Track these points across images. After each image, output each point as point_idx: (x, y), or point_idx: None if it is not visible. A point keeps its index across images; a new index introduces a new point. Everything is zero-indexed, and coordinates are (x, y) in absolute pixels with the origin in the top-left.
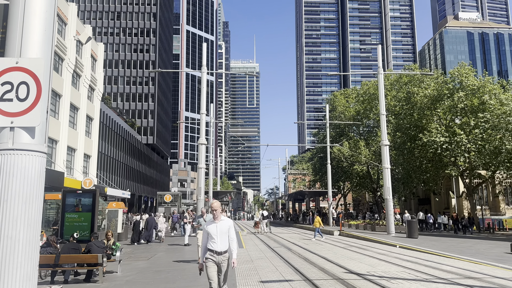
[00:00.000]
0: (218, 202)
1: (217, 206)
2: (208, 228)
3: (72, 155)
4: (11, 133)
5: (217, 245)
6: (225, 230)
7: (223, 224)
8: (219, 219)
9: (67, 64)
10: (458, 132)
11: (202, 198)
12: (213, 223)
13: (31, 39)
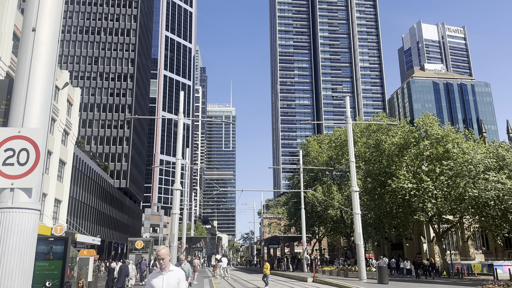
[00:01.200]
0: (167, 248)
1: (165, 253)
2: (152, 282)
3: (43, 200)
4: (11, 193)
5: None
6: (173, 284)
7: (171, 276)
8: (167, 269)
9: None
10: (425, 179)
11: (175, 244)
12: (159, 275)
13: (32, 112)
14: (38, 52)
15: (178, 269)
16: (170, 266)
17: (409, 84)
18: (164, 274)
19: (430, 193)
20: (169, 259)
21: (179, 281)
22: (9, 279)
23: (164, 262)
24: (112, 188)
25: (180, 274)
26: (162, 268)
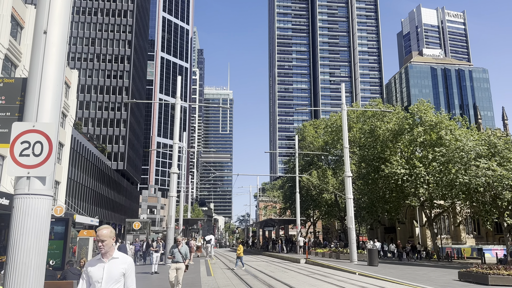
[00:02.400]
0: (110, 229)
1: (106, 234)
2: (90, 272)
3: None
4: (27, 181)
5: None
6: (116, 275)
7: (115, 265)
8: (109, 255)
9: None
10: (418, 165)
11: (172, 226)
12: (98, 263)
13: (45, 108)
14: (49, 53)
15: (124, 257)
16: (114, 252)
17: (407, 69)
18: (106, 262)
19: (422, 178)
20: (113, 243)
21: (125, 273)
22: (27, 256)
23: (105, 246)
24: (110, 170)
25: (127, 263)
26: (102, 254)
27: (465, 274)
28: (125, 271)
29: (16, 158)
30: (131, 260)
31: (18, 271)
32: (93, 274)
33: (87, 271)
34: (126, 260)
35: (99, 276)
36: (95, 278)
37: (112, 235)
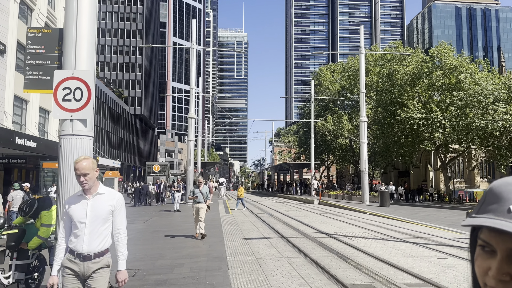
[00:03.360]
0: (92, 160)
1: (88, 166)
2: (70, 210)
3: None
4: (70, 123)
5: (82, 242)
6: (103, 213)
7: (101, 202)
8: (92, 191)
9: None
10: (434, 109)
11: (191, 168)
12: (81, 200)
13: (81, 56)
14: (82, 5)
15: (112, 192)
16: (99, 187)
17: (430, 8)
18: (89, 199)
19: (438, 123)
20: (96, 177)
21: (113, 210)
22: (75, 189)
23: (88, 181)
24: (128, 114)
25: (115, 199)
26: (85, 189)
27: None
28: (113, 209)
29: (60, 103)
30: (120, 196)
31: None
32: (74, 213)
33: (67, 210)
34: (114, 196)
35: (81, 215)
36: (77, 217)
37: (94, 167)
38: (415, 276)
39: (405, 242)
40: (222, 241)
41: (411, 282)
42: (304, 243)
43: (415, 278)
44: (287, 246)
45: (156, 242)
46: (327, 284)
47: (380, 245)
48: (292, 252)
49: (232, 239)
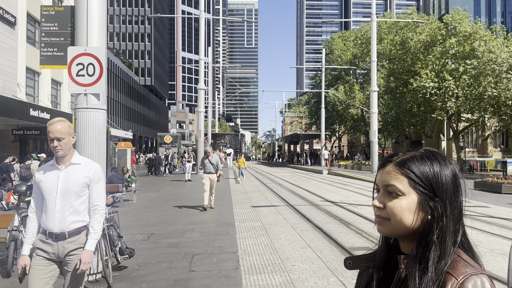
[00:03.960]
0: (66, 123)
1: (63, 130)
2: (39, 180)
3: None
4: (85, 97)
5: (53, 219)
6: (77, 187)
7: (74, 173)
8: (66, 161)
9: (67, 1)
10: (447, 78)
11: (202, 139)
12: (52, 170)
13: (93, 33)
14: None
15: (88, 163)
16: (74, 156)
17: None
18: (62, 170)
19: (451, 92)
20: (72, 144)
21: (89, 184)
22: (91, 158)
23: (63, 146)
24: (138, 85)
25: (92, 171)
26: (58, 157)
27: (480, 184)
28: (89, 182)
29: (74, 78)
30: (98, 167)
31: None
32: (44, 185)
33: (37, 180)
34: (91, 167)
35: (52, 186)
36: (47, 189)
37: (71, 132)
38: None
39: None
40: (231, 209)
41: None
42: (310, 211)
43: None
44: (293, 213)
45: (168, 210)
46: (327, 247)
47: None
48: (297, 219)
49: (240, 207)
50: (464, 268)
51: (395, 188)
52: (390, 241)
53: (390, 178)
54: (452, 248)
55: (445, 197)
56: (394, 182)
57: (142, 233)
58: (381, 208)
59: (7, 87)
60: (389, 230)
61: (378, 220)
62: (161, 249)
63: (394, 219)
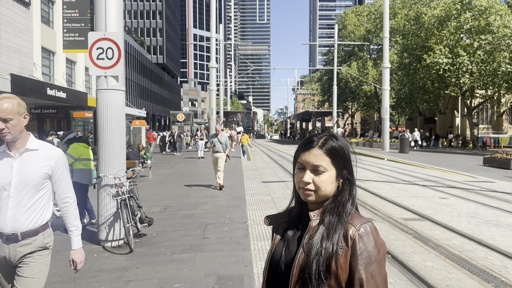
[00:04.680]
0: (15, 100)
1: (11, 110)
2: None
3: (89, 75)
4: (105, 79)
5: (5, 218)
6: (35, 178)
7: (31, 161)
8: (19, 146)
9: None
10: (461, 54)
11: (214, 118)
12: (4, 157)
13: (111, 19)
14: None
15: (48, 148)
16: (29, 141)
17: None
18: (16, 158)
19: (465, 68)
20: (24, 125)
21: (51, 174)
22: (112, 135)
23: (10, 129)
24: (150, 64)
25: (53, 159)
26: (7, 140)
27: (489, 160)
28: (50, 171)
29: (95, 61)
30: (60, 152)
31: (107, 147)
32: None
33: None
34: (52, 154)
35: (4, 179)
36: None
37: (21, 111)
38: (412, 212)
39: (414, 185)
40: (242, 184)
41: (408, 217)
42: None
43: (412, 214)
44: None
45: (183, 184)
46: None
47: (389, 187)
48: None
49: (251, 182)
50: (358, 219)
51: (322, 167)
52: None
53: (317, 160)
54: (351, 207)
55: (350, 168)
56: (321, 162)
57: (159, 205)
58: (309, 183)
59: (24, 67)
60: (315, 198)
61: (307, 192)
62: (177, 220)
63: (321, 190)
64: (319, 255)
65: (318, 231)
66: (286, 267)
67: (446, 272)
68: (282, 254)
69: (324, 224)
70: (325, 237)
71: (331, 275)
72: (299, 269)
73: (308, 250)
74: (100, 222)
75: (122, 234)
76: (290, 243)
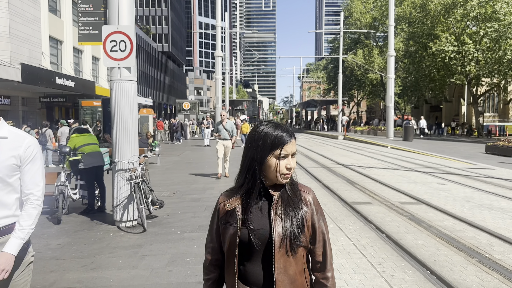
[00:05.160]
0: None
1: None
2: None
3: (96, 64)
4: (118, 70)
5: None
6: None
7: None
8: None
9: None
10: (467, 41)
11: (219, 106)
12: None
13: (123, 13)
14: None
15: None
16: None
17: None
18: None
19: (470, 56)
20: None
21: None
22: (125, 123)
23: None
24: (156, 52)
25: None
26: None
27: (491, 147)
28: (19, 162)
29: (109, 53)
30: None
31: (121, 134)
32: None
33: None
34: (22, 142)
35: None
36: None
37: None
38: (410, 197)
39: (414, 171)
40: None
41: (405, 201)
42: (320, 172)
43: (409, 198)
44: (304, 174)
45: (190, 171)
46: (331, 201)
47: (390, 174)
48: (308, 179)
49: None
50: (305, 187)
51: (296, 152)
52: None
53: (294, 147)
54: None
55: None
56: (295, 148)
57: (168, 190)
58: (294, 167)
59: (32, 56)
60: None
61: (288, 175)
62: (186, 203)
63: (293, 171)
64: (294, 221)
65: (284, 202)
66: (260, 239)
67: (435, 249)
68: (251, 230)
69: (287, 196)
70: (293, 206)
71: (304, 234)
72: (280, 237)
73: (283, 220)
74: (115, 204)
75: (136, 215)
76: (259, 219)
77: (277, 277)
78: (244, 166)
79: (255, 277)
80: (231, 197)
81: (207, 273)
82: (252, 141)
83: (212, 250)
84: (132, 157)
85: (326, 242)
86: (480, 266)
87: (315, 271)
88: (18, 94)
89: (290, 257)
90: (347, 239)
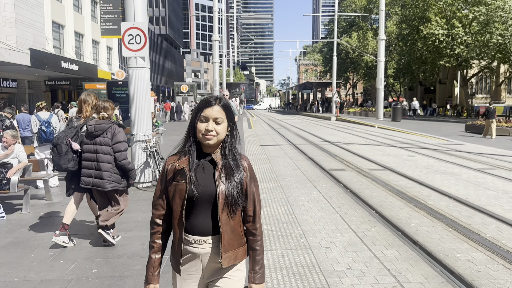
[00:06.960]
0: None
1: None
2: None
3: (97, 48)
4: (134, 59)
5: None
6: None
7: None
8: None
9: None
10: (457, 25)
11: (217, 89)
12: None
13: (138, 11)
14: None
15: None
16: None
17: None
18: None
19: (460, 39)
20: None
21: None
22: (141, 102)
23: None
24: (154, 34)
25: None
26: None
27: (470, 126)
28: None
29: (127, 45)
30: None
31: (138, 112)
32: None
33: None
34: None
35: None
36: None
37: None
38: (379, 165)
39: (391, 146)
40: (243, 147)
41: (373, 168)
42: (307, 147)
43: (378, 166)
44: (293, 149)
45: None
46: (312, 169)
47: (369, 149)
48: (295, 153)
49: (251, 146)
50: (243, 156)
51: (221, 119)
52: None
53: (218, 114)
54: (239, 145)
55: (234, 119)
56: (221, 116)
57: None
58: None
59: (37, 40)
60: (215, 142)
61: (208, 136)
62: None
63: (219, 135)
64: (236, 183)
65: (226, 167)
66: (205, 196)
67: (384, 198)
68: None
69: (229, 161)
70: (234, 170)
71: (243, 195)
72: (224, 197)
73: (225, 183)
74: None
75: (151, 177)
76: (205, 178)
77: (222, 228)
78: (186, 131)
79: (201, 227)
80: (180, 158)
81: (154, 227)
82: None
83: (160, 206)
84: (147, 130)
85: (256, 200)
86: (413, 207)
87: (246, 223)
88: (25, 78)
89: (231, 212)
90: (319, 193)
